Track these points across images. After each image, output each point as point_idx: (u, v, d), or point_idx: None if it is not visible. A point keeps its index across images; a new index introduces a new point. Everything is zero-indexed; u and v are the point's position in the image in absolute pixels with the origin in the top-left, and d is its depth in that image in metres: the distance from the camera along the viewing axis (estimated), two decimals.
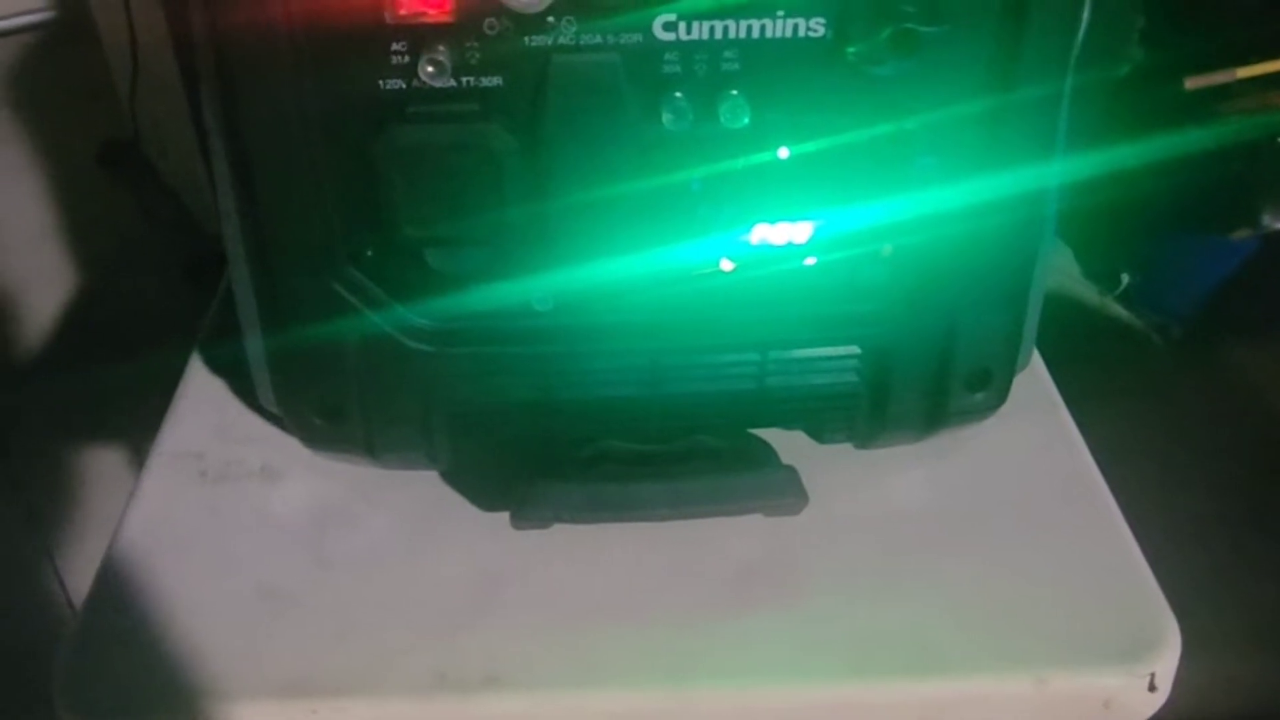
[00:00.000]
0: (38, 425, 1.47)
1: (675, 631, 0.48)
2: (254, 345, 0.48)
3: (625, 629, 0.48)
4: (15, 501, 1.36)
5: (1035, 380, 0.58)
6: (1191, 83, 1.35)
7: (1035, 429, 0.56)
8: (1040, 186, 0.45)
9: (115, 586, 0.50)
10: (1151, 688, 0.47)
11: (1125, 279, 1.46)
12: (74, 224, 1.80)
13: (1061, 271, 1.47)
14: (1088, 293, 1.48)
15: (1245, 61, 1.36)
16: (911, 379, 0.49)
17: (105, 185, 1.77)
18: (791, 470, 0.48)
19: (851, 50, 0.39)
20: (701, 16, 0.39)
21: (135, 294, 1.66)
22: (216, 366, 0.61)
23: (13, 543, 1.31)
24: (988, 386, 0.49)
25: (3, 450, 1.43)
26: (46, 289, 1.67)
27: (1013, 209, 0.45)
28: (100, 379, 1.43)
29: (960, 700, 0.47)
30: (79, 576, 1.25)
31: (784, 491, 0.48)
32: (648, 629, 0.48)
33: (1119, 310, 1.48)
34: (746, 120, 0.40)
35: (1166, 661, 0.47)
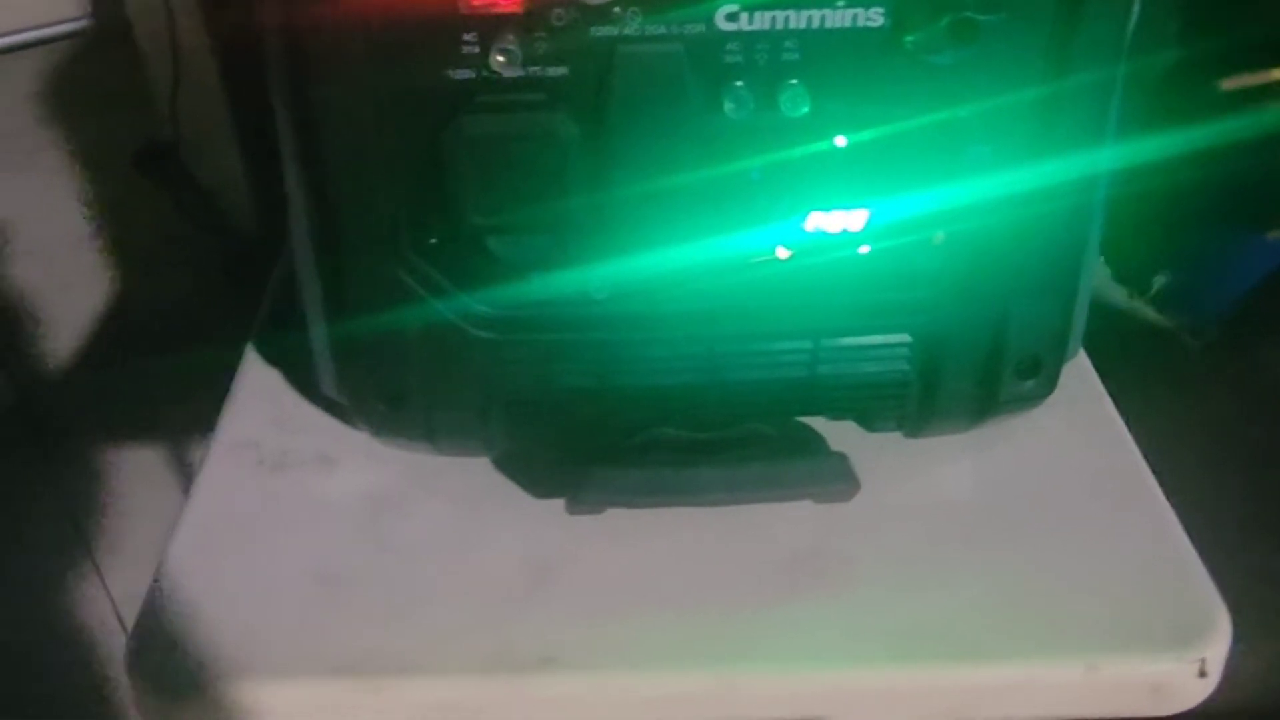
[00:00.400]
0: (79, 425, 1.49)
1: (726, 616, 0.49)
2: (318, 334, 0.49)
3: (677, 613, 0.49)
4: (57, 500, 1.38)
5: (1080, 371, 0.58)
6: (1228, 84, 1.35)
7: (1081, 419, 0.56)
8: (1091, 173, 0.45)
9: (180, 570, 0.51)
10: (1202, 674, 0.47)
11: (1159, 281, 1.45)
12: (112, 226, 1.82)
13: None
14: (1117, 296, 1.48)
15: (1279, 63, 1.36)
16: (962, 366, 0.49)
17: (143, 188, 1.79)
18: (842, 457, 0.49)
19: (910, 39, 0.40)
20: (763, 6, 0.40)
21: (174, 294, 1.69)
22: (271, 358, 0.63)
23: (55, 542, 1.33)
24: (1037, 374, 0.49)
25: (44, 449, 1.45)
26: (87, 290, 1.70)
27: (1064, 195, 0.45)
28: (142, 378, 1.46)
29: (1010, 686, 0.47)
30: (122, 573, 1.27)
31: (836, 478, 0.48)
32: (699, 613, 0.49)
33: (1150, 313, 1.47)
34: (806, 109, 0.41)
35: (1217, 647, 0.47)
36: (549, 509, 0.53)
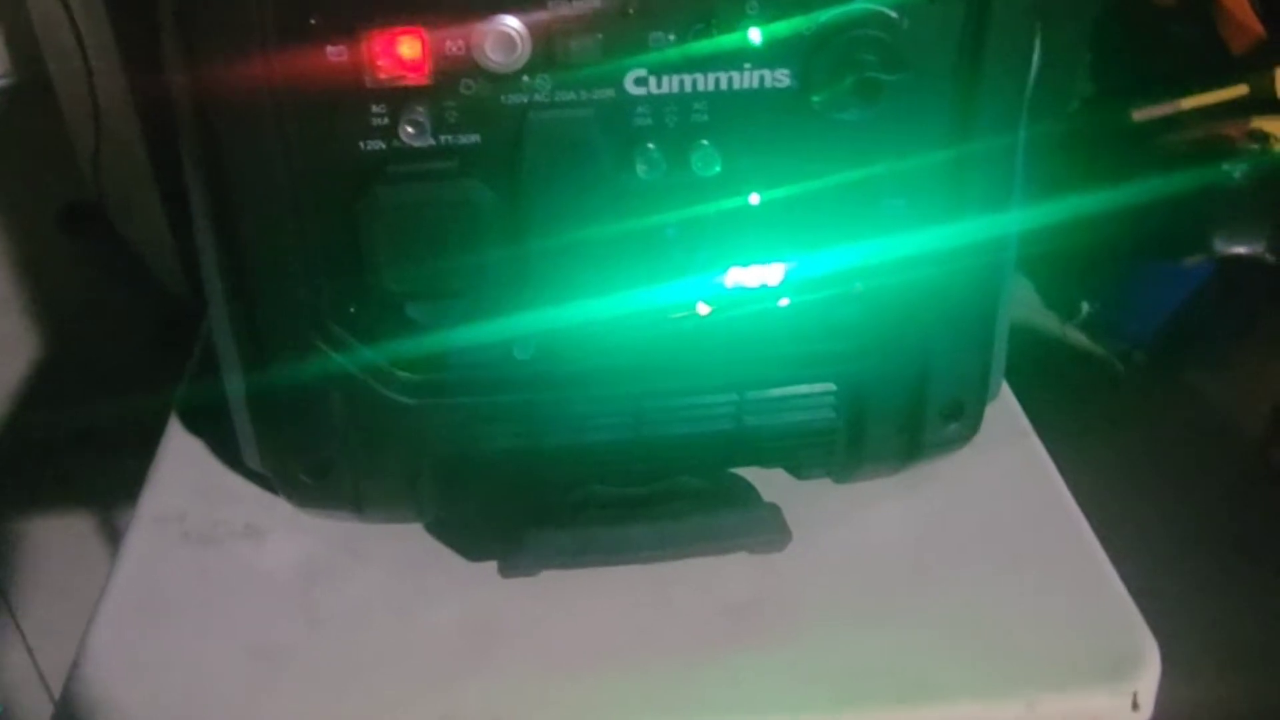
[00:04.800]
0: (4, 493, 1.45)
1: (672, 671, 0.49)
2: (238, 407, 0.48)
3: (623, 670, 0.49)
4: None
5: (1005, 410, 0.59)
6: (1139, 114, 1.39)
7: (1006, 457, 0.57)
8: (997, 219, 0.46)
9: (105, 649, 0.49)
10: (1135, 706, 0.48)
11: (1085, 308, 1.48)
12: (37, 289, 1.78)
13: (1022, 303, 1.49)
14: (1049, 323, 1.51)
15: (1189, 92, 1.40)
16: (887, 413, 0.50)
17: (68, 250, 1.76)
18: (774, 507, 0.49)
19: (817, 99, 0.41)
20: (671, 70, 0.41)
21: (103, 358, 1.65)
22: (194, 427, 0.61)
23: None
24: (960, 417, 0.50)
25: None
26: (10, 355, 1.66)
27: (978, 244, 0.46)
28: (71, 443, 1.42)
29: None
30: (50, 643, 1.23)
31: (767, 529, 0.49)
32: (645, 669, 0.49)
33: (1081, 339, 1.50)
34: (718, 168, 0.42)
35: (1148, 680, 0.48)
36: (487, 571, 0.52)
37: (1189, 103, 1.39)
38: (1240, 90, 1.40)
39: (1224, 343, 1.44)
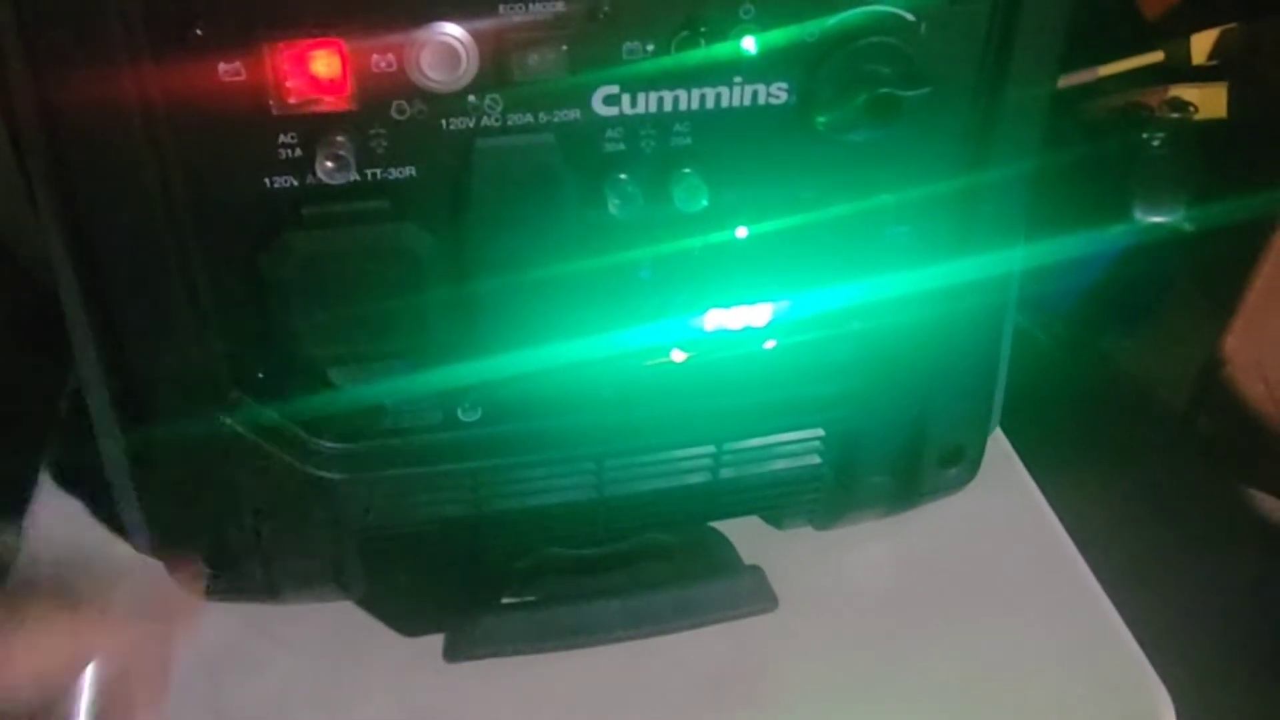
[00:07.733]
0: None
1: None
2: (124, 492, 0.40)
3: None
4: None
5: (995, 444, 0.54)
6: (1059, 82, 1.36)
7: (999, 497, 0.52)
8: (1009, 251, 0.41)
9: None
10: None
11: None
12: None
13: None
14: None
15: (1107, 59, 1.37)
16: (880, 459, 0.45)
17: None
18: (757, 571, 0.44)
19: (821, 119, 0.34)
20: (648, 87, 0.34)
21: None
22: (69, 483, 0.53)
23: None
24: (960, 462, 0.45)
25: None
26: None
27: (982, 275, 0.41)
28: None
29: None
30: None
31: (751, 599, 0.43)
32: None
33: None
34: (704, 202, 0.35)
35: None
36: (427, 648, 0.45)
37: (1107, 70, 1.37)
38: (1156, 57, 1.38)
39: (1145, 312, 1.43)
